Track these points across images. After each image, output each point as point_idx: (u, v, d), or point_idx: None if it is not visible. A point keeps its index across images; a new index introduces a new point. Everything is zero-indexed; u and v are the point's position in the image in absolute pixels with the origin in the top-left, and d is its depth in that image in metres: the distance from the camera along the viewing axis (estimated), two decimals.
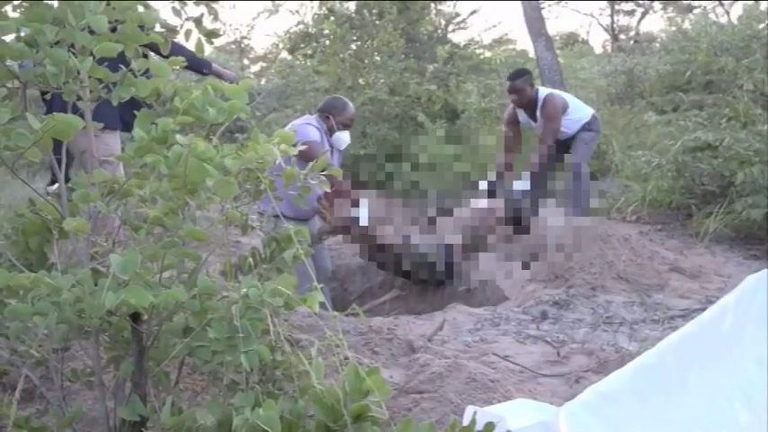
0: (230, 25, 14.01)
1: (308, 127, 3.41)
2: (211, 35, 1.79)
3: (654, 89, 6.60)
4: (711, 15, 10.84)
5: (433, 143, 5.66)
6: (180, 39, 1.71)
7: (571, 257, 3.29)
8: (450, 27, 9.43)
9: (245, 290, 1.18)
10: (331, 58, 7.36)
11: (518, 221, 3.66)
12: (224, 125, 1.42)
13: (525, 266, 3.20)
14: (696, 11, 12.04)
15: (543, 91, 4.23)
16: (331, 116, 3.48)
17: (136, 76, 1.33)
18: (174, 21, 1.76)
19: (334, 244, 4.24)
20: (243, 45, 12.39)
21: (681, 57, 6.21)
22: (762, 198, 3.84)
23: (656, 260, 3.43)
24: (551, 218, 3.61)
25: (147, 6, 1.64)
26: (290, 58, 8.72)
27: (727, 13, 11.92)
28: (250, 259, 1.31)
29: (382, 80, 6.89)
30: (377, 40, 7.29)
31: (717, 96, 5.21)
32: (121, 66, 1.36)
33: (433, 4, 8.67)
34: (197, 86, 1.40)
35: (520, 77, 4.22)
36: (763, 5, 9.28)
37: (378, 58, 7.42)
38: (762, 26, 6.59)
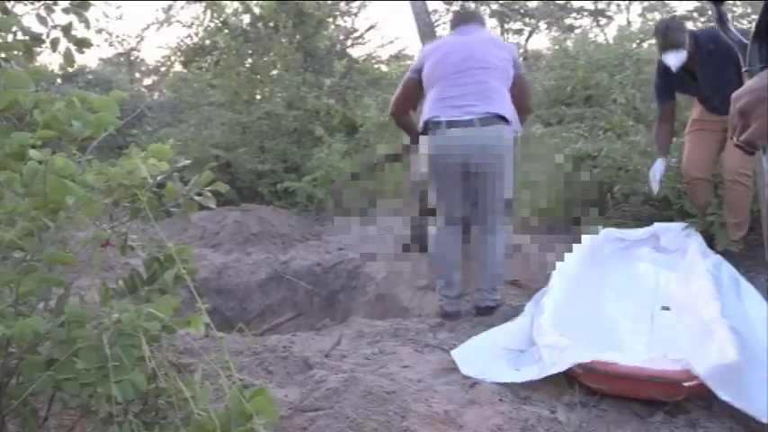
0: (117, 36, 13.33)
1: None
2: (82, 44, 1.68)
3: (541, 103, 6.95)
4: (591, 35, 11.63)
5: (333, 157, 5.66)
6: (47, 48, 1.60)
7: (467, 266, 3.37)
8: (349, 42, 9.50)
9: (116, 315, 1.10)
10: (226, 72, 7.17)
11: None
12: (94, 140, 1.33)
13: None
14: (577, 31, 12.88)
15: None
16: None
17: None
18: (39, 29, 1.64)
19: (232, 261, 4.11)
20: (132, 57, 11.80)
21: (563, 73, 6.59)
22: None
23: (547, 266, 3.59)
24: None
25: (5, 11, 1.52)
26: (183, 71, 8.41)
27: (604, 33, 12.86)
28: (120, 282, 1.22)
29: (279, 94, 6.79)
30: (272, 54, 7.18)
31: (595, 109, 5.56)
32: None
33: (330, 19, 8.69)
34: (62, 99, 1.30)
35: None
36: (634, 26, 10.13)
37: (275, 72, 7.31)
38: (633, 45, 7.15)
